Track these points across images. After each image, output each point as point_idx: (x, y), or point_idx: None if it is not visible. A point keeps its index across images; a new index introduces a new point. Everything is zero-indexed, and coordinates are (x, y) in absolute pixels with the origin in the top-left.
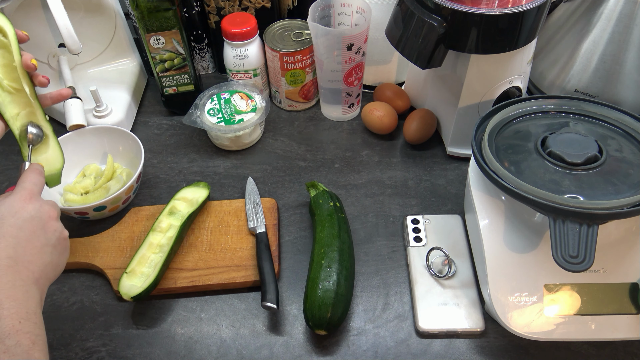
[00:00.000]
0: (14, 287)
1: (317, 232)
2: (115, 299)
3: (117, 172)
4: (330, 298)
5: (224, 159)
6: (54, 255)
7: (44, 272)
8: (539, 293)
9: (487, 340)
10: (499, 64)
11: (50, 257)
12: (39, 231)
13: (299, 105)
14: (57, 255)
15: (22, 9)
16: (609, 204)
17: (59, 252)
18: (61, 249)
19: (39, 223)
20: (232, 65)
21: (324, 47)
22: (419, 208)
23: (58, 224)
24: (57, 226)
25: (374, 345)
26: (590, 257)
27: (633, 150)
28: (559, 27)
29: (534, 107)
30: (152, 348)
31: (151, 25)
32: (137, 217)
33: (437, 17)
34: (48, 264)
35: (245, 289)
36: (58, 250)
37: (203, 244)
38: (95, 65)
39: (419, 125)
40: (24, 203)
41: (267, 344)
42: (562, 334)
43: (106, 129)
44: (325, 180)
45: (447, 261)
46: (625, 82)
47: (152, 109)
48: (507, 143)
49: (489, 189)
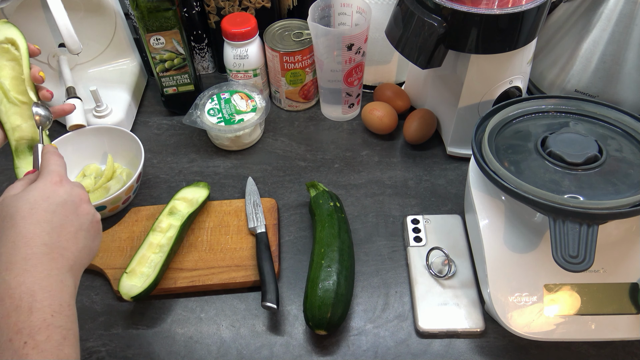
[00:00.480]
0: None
1: (317, 232)
2: (115, 299)
3: (117, 172)
4: (330, 298)
5: (224, 159)
6: (88, 239)
7: (79, 258)
8: (539, 293)
9: (487, 340)
10: (499, 64)
11: (84, 241)
12: (71, 215)
13: (299, 105)
14: (91, 240)
15: (22, 9)
16: (609, 204)
17: (92, 236)
18: (94, 232)
19: (71, 207)
20: (232, 65)
21: (324, 47)
22: (419, 208)
23: (90, 207)
24: (89, 209)
25: (374, 345)
26: (590, 257)
27: (633, 150)
28: (559, 27)
29: (534, 107)
30: (152, 348)
31: (151, 25)
32: (137, 217)
33: (437, 17)
34: (82, 249)
35: (245, 289)
36: (92, 234)
37: (203, 244)
38: (95, 65)
39: (419, 125)
40: (55, 187)
41: (267, 344)
42: (562, 334)
43: (106, 129)
44: (325, 180)
45: (447, 261)
46: (625, 82)
47: (152, 109)
48: (507, 143)
49: (489, 189)
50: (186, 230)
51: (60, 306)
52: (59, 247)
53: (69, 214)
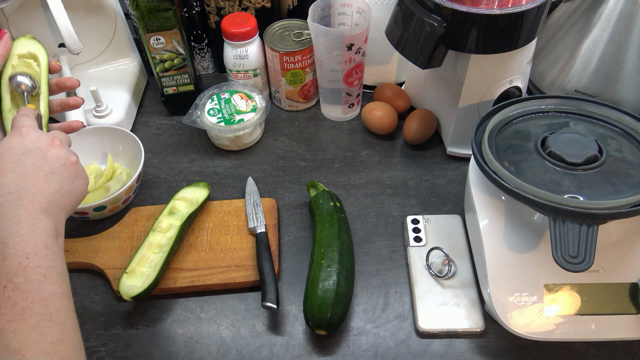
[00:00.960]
0: (18, 223)
1: (317, 232)
2: (115, 299)
3: (117, 172)
4: (330, 298)
5: (224, 159)
6: (63, 182)
7: (54, 200)
8: (539, 293)
9: (487, 340)
10: (499, 64)
11: (58, 184)
12: (39, 161)
13: (299, 105)
14: (68, 182)
15: (22, 9)
16: (609, 204)
17: (68, 178)
18: (70, 174)
19: (38, 154)
20: (232, 65)
21: (324, 47)
22: (419, 208)
23: (60, 151)
24: (59, 153)
25: (374, 345)
26: (590, 257)
27: (633, 150)
28: (559, 27)
29: (534, 107)
30: (152, 348)
31: (151, 25)
32: (137, 217)
33: (437, 17)
34: (57, 192)
35: (245, 289)
36: (66, 176)
37: (203, 244)
38: (95, 65)
39: (419, 125)
40: (19, 137)
41: (267, 344)
42: (562, 334)
43: (106, 129)
44: (325, 180)
45: (447, 261)
46: (625, 82)
47: (152, 109)
48: (507, 143)
49: (489, 189)
50: (186, 230)
51: (34, 247)
52: (27, 193)
53: (36, 160)
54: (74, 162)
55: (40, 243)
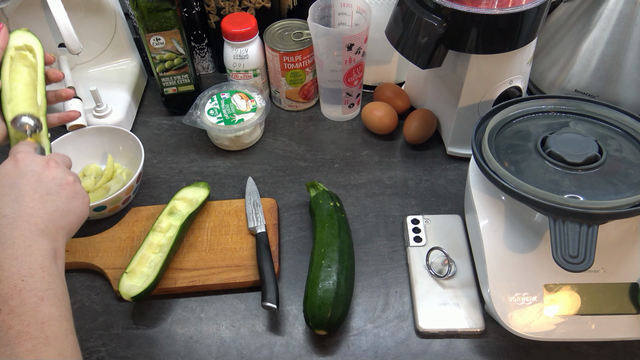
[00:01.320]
0: (13, 245)
1: (317, 232)
2: (115, 299)
3: (117, 172)
4: (330, 298)
5: (224, 159)
6: (59, 202)
7: (51, 221)
8: (539, 293)
9: (487, 340)
10: (499, 64)
11: (54, 204)
12: (34, 184)
13: (299, 105)
14: (64, 202)
15: (22, 9)
16: (609, 204)
17: (65, 198)
18: (67, 194)
19: (32, 176)
20: (232, 65)
21: (324, 47)
22: (419, 208)
23: (56, 172)
24: (54, 174)
25: (374, 345)
26: (590, 257)
27: (633, 150)
28: (559, 27)
29: (534, 107)
30: (152, 348)
31: (151, 25)
32: (137, 217)
33: (437, 17)
34: (53, 212)
35: (245, 289)
36: (63, 196)
37: (203, 244)
38: (95, 65)
39: (419, 125)
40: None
41: (267, 344)
42: (562, 334)
43: (106, 129)
44: (325, 180)
45: (447, 261)
46: (625, 82)
47: (152, 109)
48: (507, 143)
49: (489, 189)
50: (186, 230)
51: (30, 270)
52: (23, 215)
53: (31, 183)
54: (71, 182)
55: (37, 265)
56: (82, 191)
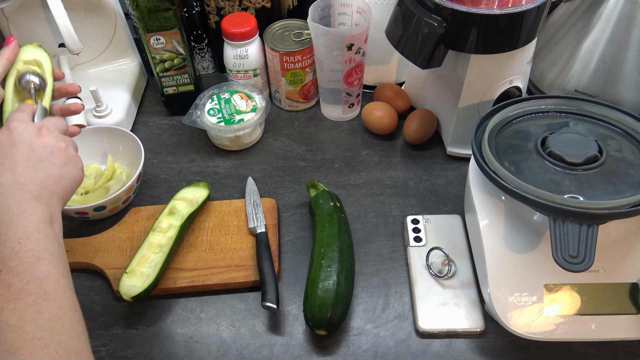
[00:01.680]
0: (8, 212)
1: (317, 232)
2: (115, 299)
3: (117, 172)
4: (330, 298)
5: (224, 159)
6: (52, 168)
7: (44, 187)
8: (539, 293)
9: (487, 340)
10: (499, 64)
11: (47, 171)
12: (27, 152)
13: (299, 105)
14: (56, 168)
15: (22, 9)
16: (609, 204)
17: (57, 165)
18: (59, 161)
19: (25, 145)
20: (232, 65)
21: (324, 47)
22: (419, 208)
23: (48, 139)
24: (46, 141)
25: (374, 345)
26: (590, 257)
27: (633, 150)
28: (559, 27)
29: (534, 107)
30: (152, 348)
31: (151, 25)
32: (137, 217)
33: (437, 17)
34: (46, 179)
35: (245, 289)
36: (55, 163)
37: (203, 244)
38: (95, 65)
39: (419, 125)
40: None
41: (267, 344)
42: (562, 334)
43: (106, 129)
44: (325, 180)
45: (447, 261)
46: (625, 82)
47: (152, 109)
48: (507, 143)
49: (489, 189)
50: (186, 230)
51: (25, 232)
52: (17, 183)
53: (24, 151)
54: (63, 148)
55: (32, 228)
56: (75, 156)
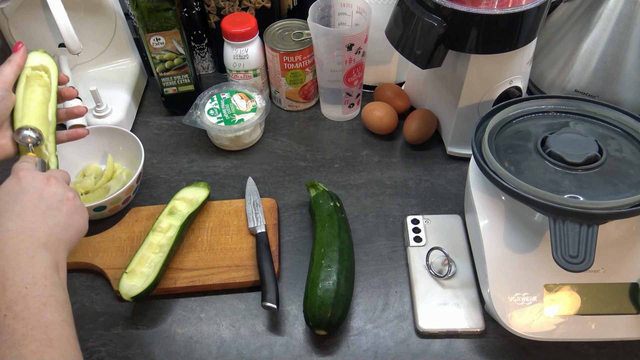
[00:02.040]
0: (17, 257)
1: (317, 232)
2: (115, 299)
3: (117, 172)
4: (330, 298)
5: (224, 159)
6: (60, 216)
7: (52, 235)
8: (539, 293)
9: (487, 340)
10: (499, 64)
11: (55, 219)
12: (36, 200)
13: (299, 105)
14: (65, 216)
15: (22, 9)
16: (609, 204)
17: (65, 213)
18: (67, 209)
19: (34, 193)
20: (232, 65)
21: (324, 47)
22: (419, 208)
23: (56, 188)
24: (55, 190)
25: (374, 345)
26: (590, 257)
27: (633, 150)
28: (559, 27)
29: (534, 107)
30: (152, 348)
31: (151, 25)
32: (137, 217)
33: (437, 17)
34: (54, 226)
35: (245, 289)
36: (63, 211)
37: (203, 244)
38: (95, 65)
39: (419, 125)
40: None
41: (267, 344)
42: (562, 334)
43: (106, 129)
44: (325, 180)
45: (447, 261)
46: (625, 82)
47: (152, 109)
48: (507, 143)
49: (489, 189)
50: (186, 230)
51: (33, 278)
52: (26, 229)
53: (33, 199)
54: (71, 197)
55: (39, 274)
56: (82, 206)
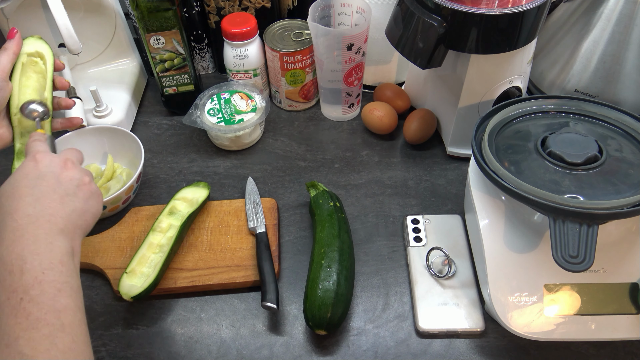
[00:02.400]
0: (35, 242)
1: (317, 232)
2: (115, 299)
3: (117, 172)
4: (330, 298)
5: (224, 159)
6: (77, 202)
7: (70, 221)
8: (539, 293)
9: (487, 340)
10: (499, 64)
11: (72, 205)
12: (54, 184)
13: (299, 105)
14: (81, 202)
15: (22, 9)
16: (609, 204)
17: (82, 199)
18: (84, 195)
19: (52, 177)
20: (232, 65)
21: (324, 47)
22: (419, 208)
23: (73, 172)
24: (72, 175)
25: (374, 345)
26: (590, 257)
27: (633, 150)
28: (559, 27)
29: (534, 107)
30: (152, 348)
31: (151, 25)
32: (137, 217)
33: (437, 17)
34: (72, 212)
35: (245, 289)
36: (80, 197)
37: (203, 244)
38: (95, 65)
39: (419, 125)
40: (34, 163)
41: (267, 344)
42: (562, 334)
43: (106, 129)
44: (325, 180)
45: (447, 261)
46: (625, 82)
47: (152, 109)
48: (507, 143)
49: (489, 189)
50: (186, 230)
51: (50, 264)
52: (44, 215)
53: (51, 183)
54: (87, 182)
55: (56, 260)
56: (97, 190)
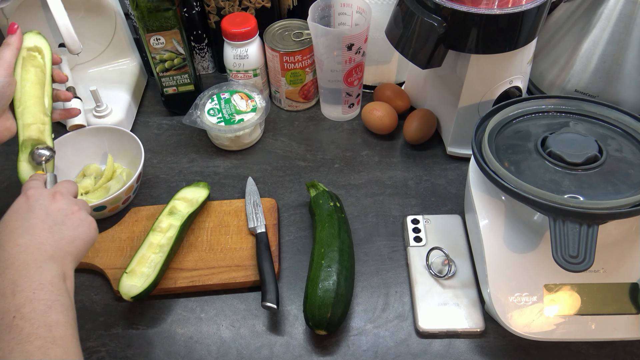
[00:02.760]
0: (26, 267)
1: (317, 232)
2: (115, 299)
3: (117, 172)
4: (330, 298)
5: (224, 159)
6: (66, 230)
7: (59, 247)
8: (539, 293)
9: (487, 340)
10: (499, 64)
11: (61, 233)
12: (43, 216)
13: (299, 105)
14: (70, 230)
15: (22, 9)
16: (609, 204)
17: (71, 227)
18: (72, 223)
19: (41, 210)
20: (232, 65)
21: (324, 47)
22: (419, 208)
23: (62, 204)
24: (60, 206)
25: (374, 345)
26: (590, 257)
27: (633, 150)
28: (559, 27)
29: (534, 107)
30: (152, 348)
31: (151, 25)
32: (137, 217)
33: (437, 17)
34: (61, 239)
35: (245, 289)
36: (69, 225)
37: (203, 244)
38: (95, 65)
39: (419, 125)
40: (25, 199)
41: (267, 344)
42: (562, 334)
43: (106, 129)
44: (325, 180)
45: (447, 261)
46: (625, 82)
47: (152, 109)
48: (507, 143)
49: (489, 189)
50: (186, 230)
51: (40, 284)
52: (34, 244)
53: (40, 215)
54: (76, 211)
55: (46, 281)
56: (88, 218)
